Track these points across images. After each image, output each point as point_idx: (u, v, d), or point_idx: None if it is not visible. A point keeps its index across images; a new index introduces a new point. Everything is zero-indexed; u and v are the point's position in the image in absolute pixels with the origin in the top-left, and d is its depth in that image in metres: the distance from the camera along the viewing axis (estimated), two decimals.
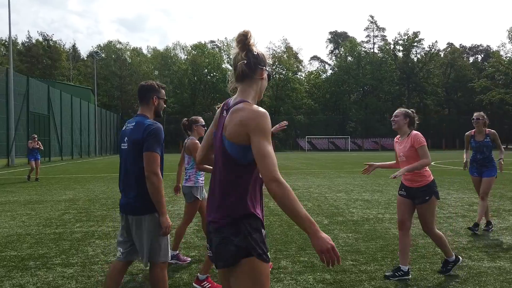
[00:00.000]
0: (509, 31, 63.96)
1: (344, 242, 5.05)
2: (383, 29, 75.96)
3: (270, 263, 2.74)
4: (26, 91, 24.24)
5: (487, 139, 5.80)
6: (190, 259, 4.42)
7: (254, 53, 1.85)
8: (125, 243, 2.77)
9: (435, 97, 72.36)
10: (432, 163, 22.36)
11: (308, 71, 79.31)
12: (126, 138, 2.71)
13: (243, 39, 1.85)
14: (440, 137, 66.09)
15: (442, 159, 27.58)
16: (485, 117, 5.84)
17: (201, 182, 4.28)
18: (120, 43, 65.24)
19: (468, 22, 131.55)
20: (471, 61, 79.07)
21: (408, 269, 3.83)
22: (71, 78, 62.15)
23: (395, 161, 4.28)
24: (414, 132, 3.90)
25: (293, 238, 5.25)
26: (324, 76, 77.21)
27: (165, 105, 2.86)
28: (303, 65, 76.44)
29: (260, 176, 1.68)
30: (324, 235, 1.58)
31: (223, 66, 69.07)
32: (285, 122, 3.20)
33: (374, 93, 70.70)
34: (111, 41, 64.68)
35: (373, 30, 73.62)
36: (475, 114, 5.90)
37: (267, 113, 1.71)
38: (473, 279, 3.74)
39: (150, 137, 2.58)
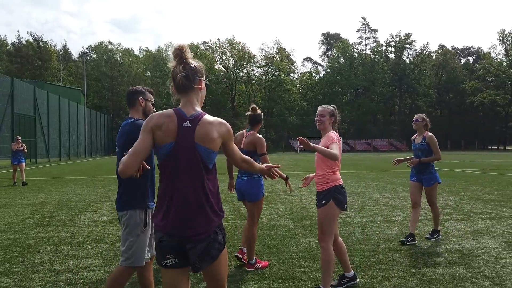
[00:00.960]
0: (499, 33, 64.58)
1: (303, 248, 4.93)
2: (375, 31, 76.24)
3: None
4: (10, 91, 23.94)
5: (422, 142, 5.40)
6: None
7: (191, 65, 2.01)
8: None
9: (427, 99, 72.71)
10: None
11: (301, 73, 79.49)
12: (117, 141, 2.83)
13: (180, 53, 2.00)
14: None
15: None
16: (426, 119, 5.51)
17: None
18: (111, 43, 65.03)
19: (459, 24, 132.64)
20: (462, 62, 79.61)
21: (354, 274, 3.73)
22: (61, 79, 61.67)
23: None
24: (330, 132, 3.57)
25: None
26: (317, 77, 77.29)
27: (154, 108, 2.90)
28: (296, 66, 76.65)
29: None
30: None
31: (216, 67, 68.92)
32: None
33: (367, 94, 70.89)
34: (102, 42, 64.36)
35: (365, 32, 73.94)
36: (415, 115, 5.60)
37: None
38: (422, 286, 3.63)
39: (122, 135, 2.72)
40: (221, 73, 68.93)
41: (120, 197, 2.71)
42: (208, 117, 2.01)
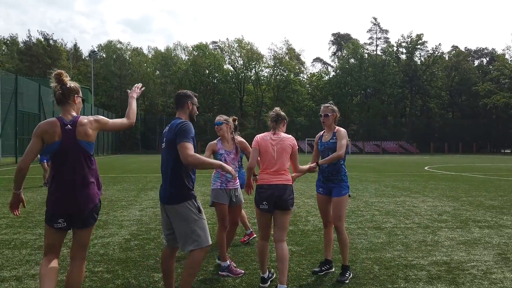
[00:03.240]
0: None
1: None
2: (386, 31, 75.38)
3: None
4: (14, 89, 24.00)
5: (333, 140, 4.03)
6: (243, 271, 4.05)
7: (67, 85, 2.83)
8: (169, 230, 3.09)
9: (438, 100, 71.43)
10: (425, 168, 21.79)
11: (310, 73, 78.79)
12: (164, 138, 3.07)
13: (58, 77, 2.82)
14: (443, 141, 65.10)
15: (434, 164, 26.91)
16: (335, 110, 4.13)
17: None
18: (120, 42, 65.15)
19: (473, 25, 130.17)
20: (476, 64, 77.96)
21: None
22: (70, 78, 61.88)
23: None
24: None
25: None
26: (326, 78, 76.56)
27: (197, 112, 3.23)
28: (305, 66, 76.03)
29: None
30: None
31: (225, 67, 68.80)
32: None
33: (377, 96, 69.95)
34: (111, 41, 64.63)
35: (376, 32, 72.90)
36: (322, 107, 4.16)
37: None
38: None
39: (180, 132, 2.90)
40: (230, 73, 68.74)
41: (169, 192, 2.99)
42: (82, 118, 2.81)
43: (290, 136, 3.77)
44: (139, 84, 3.52)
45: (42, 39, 61.57)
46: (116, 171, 18.38)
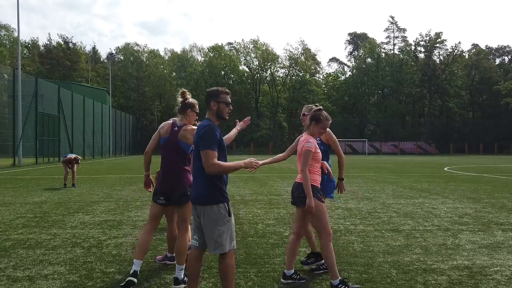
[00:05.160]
0: None
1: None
2: (404, 30, 74.15)
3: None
4: (34, 91, 24.54)
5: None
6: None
7: (186, 100, 3.70)
8: (199, 231, 3.04)
9: (458, 100, 69.89)
10: (445, 168, 21.27)
11: (326, 73, 78.25)
12: (195, 139, 3.09)
13: (183, 94, 3.82)
14: (463, 141, 63.63)
15: (454, 164, 26.26)
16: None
17: None
18: (137, 45, 66.17)
19: (494, 23, 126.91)
20: (497, 62, 75.96)
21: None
22: (89, 80, 63.30)
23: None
24: None
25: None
26: (342, 78, 75.85)
27: (227, 108, 3.10)
28: (321, 66, 75.52)
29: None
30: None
31: (240, 68, 68.92)
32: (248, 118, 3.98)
33: (394, 96, 68.88)
34: (129, 43, 65.62)
35: (393, 31, 71.91)
36: (303, 108, 4.25)
37: None
38: None
39: (202, 138, 2.92)
40: (245, 74, 68.80)
41: (197, 193, 2.99)
42: (188, 126, 3.69)
43: (304, 138, 3.76)
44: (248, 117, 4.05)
45: (62, 42, 62.99)
46: (133, 171, 18.55)
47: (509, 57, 76.16)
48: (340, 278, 3.54)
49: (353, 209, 7.81)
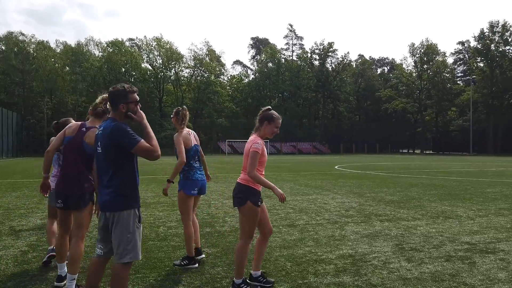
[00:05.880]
0: (410, 46, 70.71)
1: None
2: (301, 38, 79.41)
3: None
4: None
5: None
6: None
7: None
8: (105, 239, 2.89)
9: (347, 105, 77.04)
10: (336, 167, 23.34)
11: (231, 75, 79.52)
12: (99, 142, 2.88)
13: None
14: (351, 142, 70.43)
15: (343, 163, 28.98)
16: (181, 112, 4.48)
17: None
18: (23, 34, 58.95)
19: (376, 36, 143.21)
20: (378, 72, 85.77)
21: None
22: None
23: None
24: None
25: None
26: (246, 80, 77.88)
27: (137, 106, 2.92)
28: (225, 68, 76.42)
29: None
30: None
31: (142, 65, 66.10)
32: None
33: (293, 99, 73.03)
34: (12, 32, 58.22)
35: (292, 38, 76.24)
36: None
37: None
38: None
39: (120, 138, 2.74)
40: (148, 72, 66.29)
41: (109, 198, 2.80)
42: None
43: (252, 139, 3.64)
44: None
45: None
46: (17, 175, 16.55)
47: (388, 67, 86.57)
48: (244, 278, 3.64)
49: None
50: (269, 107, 3.84)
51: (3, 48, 57.44)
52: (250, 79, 77.63)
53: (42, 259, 4.47)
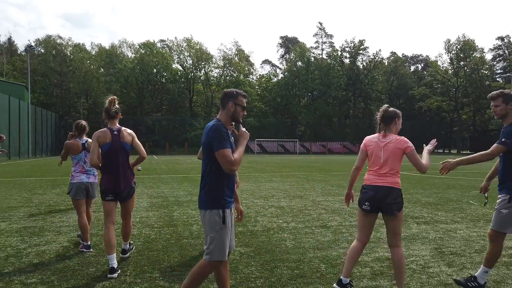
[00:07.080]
0: (445, 43, 68.13)
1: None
2: (331, 36, 77.97)
3: None
4: None
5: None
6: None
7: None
8: None
9: (379, 103, 75.20)
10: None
11: (260, 75, 79.63)
12: (203, 140, 2.97)
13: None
14: None
15: None
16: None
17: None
18: (60, 38, 61.45)
19: (410, 33, 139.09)
20: (412, 69, 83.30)
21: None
22: (4, 74, 57.56)
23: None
24: None
25: (163, 258, 4.63)
26: (275, 79, 77.75)
27: (243, 112, 2.97)
28: (254, 68, 76.64)
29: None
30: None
31: (173, 66, 67.36)
32: None
33: (323, 98, 72.21)
34: (51, 36, 60.78)
35: (321, 37, 75.25)
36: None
37: None
38: None
39: (212, 138, 2.78)
40: (179, 73, 67.46)
41: (200, 196, 2.90)
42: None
43: (402, 138, 3.52)
44: None
45: None
46: (56, 173, 17.26)
47: (422, 65, 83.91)
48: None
49: (285, 207, 8.09)
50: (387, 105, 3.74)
51: (43, 51, 60.07)
52: (279, 78, 77.43)
53: (82, 255, 4.62)
